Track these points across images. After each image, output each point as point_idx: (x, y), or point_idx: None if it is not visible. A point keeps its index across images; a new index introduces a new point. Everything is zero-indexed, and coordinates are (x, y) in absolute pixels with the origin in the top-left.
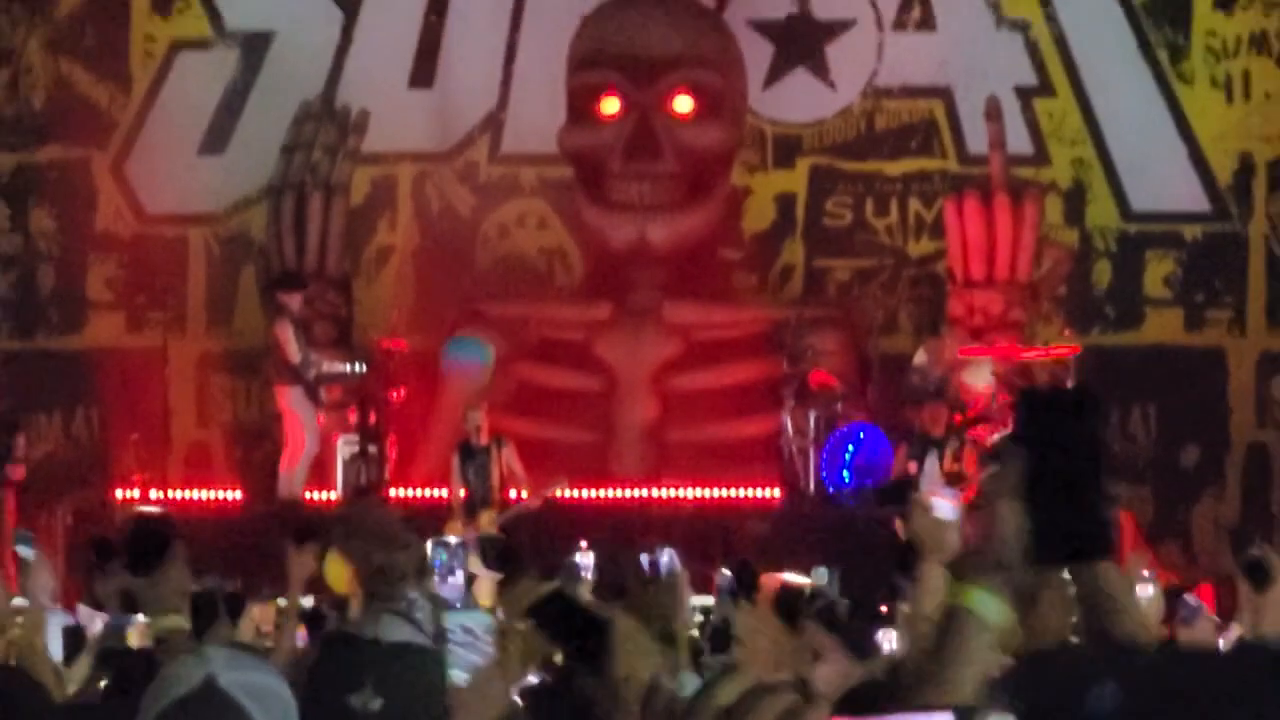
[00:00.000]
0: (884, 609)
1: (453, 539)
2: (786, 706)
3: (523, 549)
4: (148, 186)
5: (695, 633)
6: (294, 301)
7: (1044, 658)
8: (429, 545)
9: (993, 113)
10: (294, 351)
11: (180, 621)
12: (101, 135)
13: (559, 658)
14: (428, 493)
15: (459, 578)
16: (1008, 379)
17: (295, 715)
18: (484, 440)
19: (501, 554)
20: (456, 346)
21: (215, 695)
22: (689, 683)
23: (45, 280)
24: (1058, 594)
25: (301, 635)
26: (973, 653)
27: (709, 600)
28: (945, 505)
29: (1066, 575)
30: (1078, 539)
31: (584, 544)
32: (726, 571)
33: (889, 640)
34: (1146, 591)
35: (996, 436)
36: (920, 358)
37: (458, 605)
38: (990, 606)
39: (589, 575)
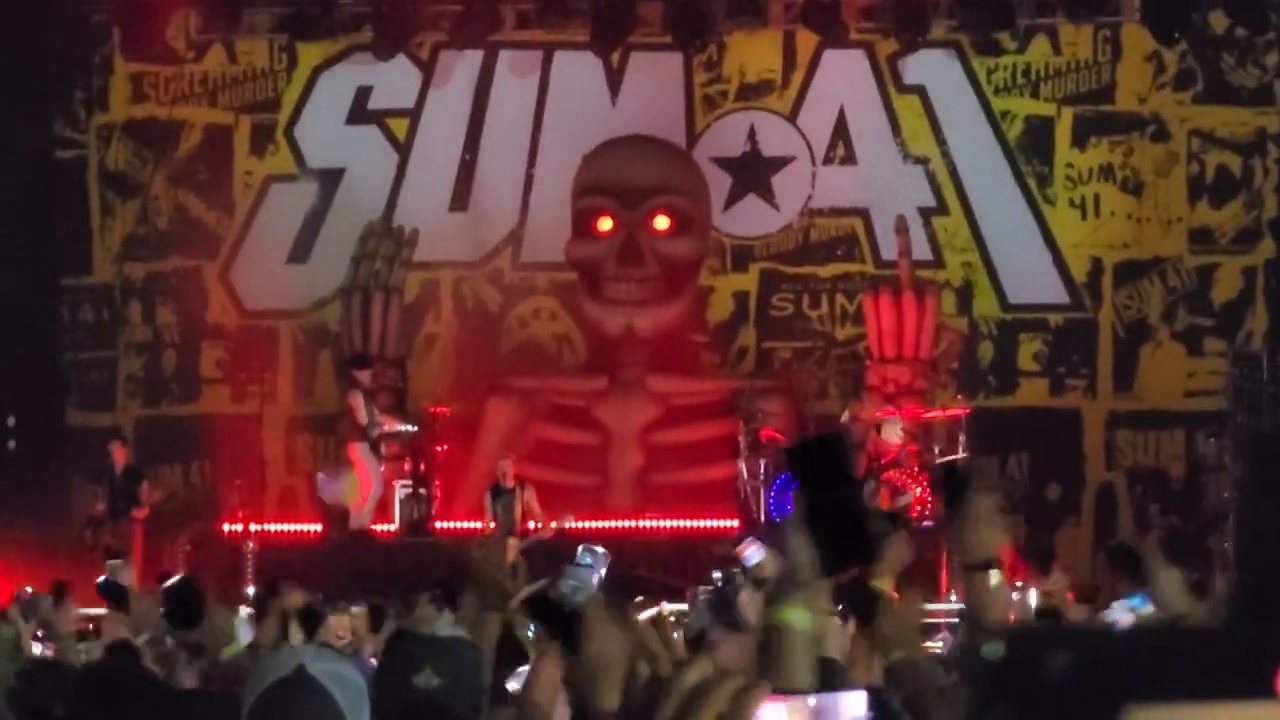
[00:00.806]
0: None
1: (600, 549)
2: (740, 685)
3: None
4: (247, 289)
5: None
6: (364, 377)
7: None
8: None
9: (900, 228)
10: (363, 416)
11: (239, 647)
12: (211, 249)
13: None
14: (465, 524)
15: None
16: (912, 433)
17: (368, 700)
18: (510, 484)
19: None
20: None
21: (305, 679)
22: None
23: (168, 362)
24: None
25: None
26: (795, 654)
27: (683, 606)
28: (751, 551)
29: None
30: (848, 551)
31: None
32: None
33: None
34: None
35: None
36: (845, 417)
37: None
38: (798, 618)
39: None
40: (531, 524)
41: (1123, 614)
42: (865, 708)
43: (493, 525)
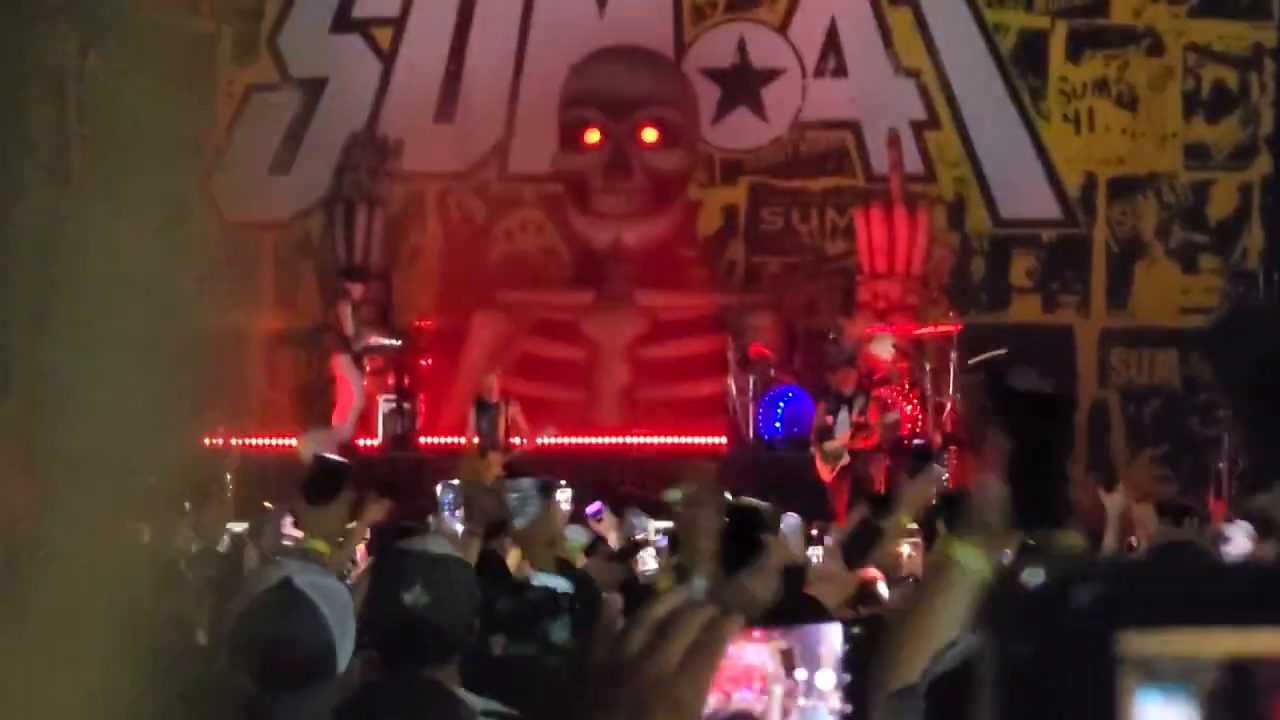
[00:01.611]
0: (814, 531)
1: (457, 481)
2: (709, 618)
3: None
4: (228, 199)
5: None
6: (356, 289)
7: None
8: (438, 487)
9: (892, 142)
10: (349, 327)
11: (323, 548)
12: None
13: None
14: (449, 440)
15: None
16: (904, 350)
17: (352, 610)
18: (495, 398)
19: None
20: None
21: (291, 591)
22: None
23: None
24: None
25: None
26: (956, 595)
27: (668, 524)
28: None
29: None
30: (1047, 511)
31: (563, 482)
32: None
33: (817, 555)
34: None
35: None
36: (835, 333)
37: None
38: (973, 559)
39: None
40: (516, 439)
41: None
42: (841, 640)
43: (476, 440)
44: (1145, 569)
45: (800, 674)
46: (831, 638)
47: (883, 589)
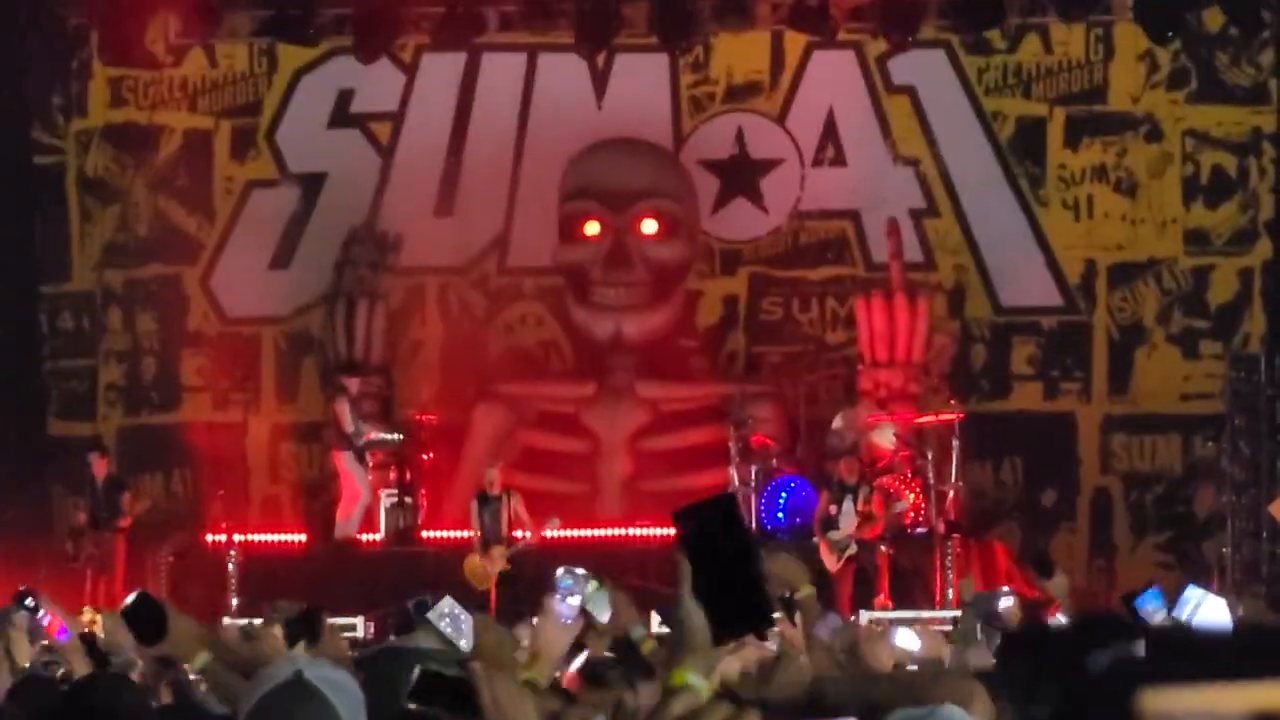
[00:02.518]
0: None
1: (580, 570)
2: (729, 714)
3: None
4: (228, 295)
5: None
6: (353, 384)
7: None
8: (559, 571)
9: (891, 230)
10: (348, 424)
11: (206, 659)
12: (192, 255)
13: None
14: (452, 534)
15: (576, 600)
16: (905, 438)
17: (364, 707)
18: (497, 491)
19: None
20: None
21: (303, 686)
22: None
23: (148, 370)
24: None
25: None
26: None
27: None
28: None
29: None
30: (744, 610)
31: (561, 570)
32: None
33: None
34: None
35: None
36: (838, 423)
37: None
38: (696, 680)
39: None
40: (519, 532)
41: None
42: None
43: (478, 533)
44: (1163, 630)
45: None
46: None
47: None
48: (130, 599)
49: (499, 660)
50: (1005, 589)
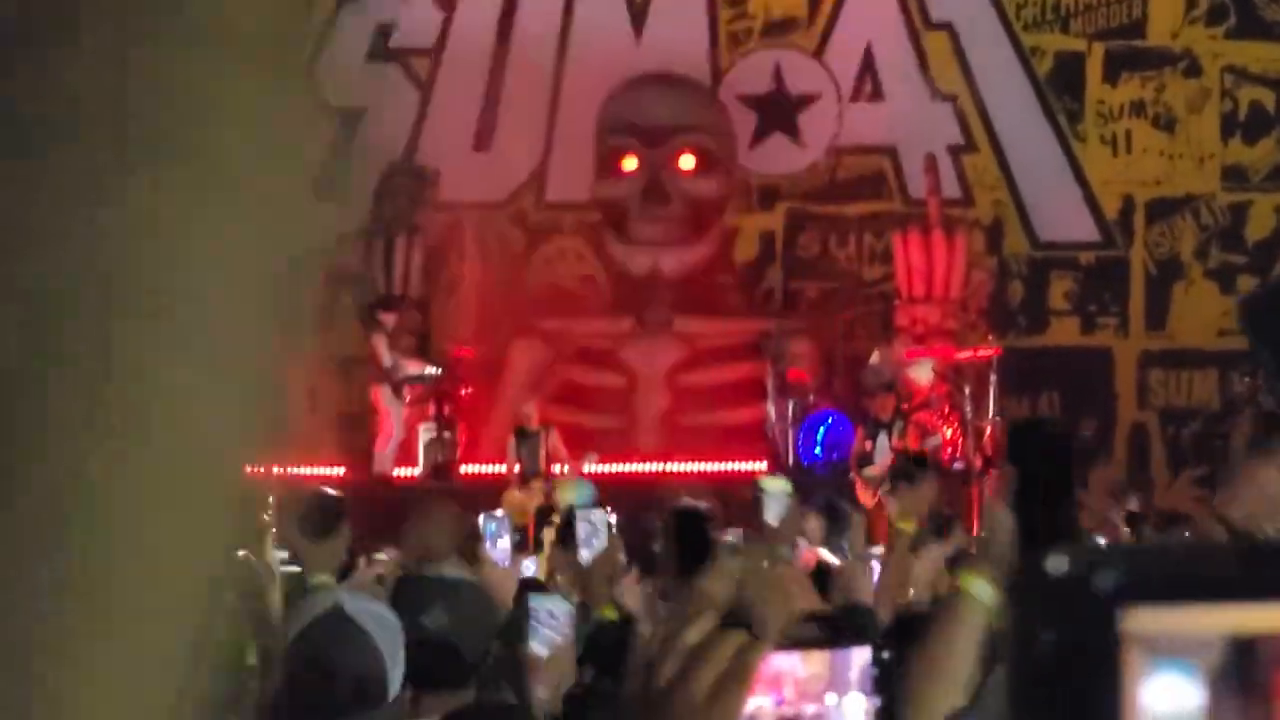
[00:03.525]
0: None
1: (499, 512)
2: (743, 642)
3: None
4: None
5: None
6: (389, 319)
7: None
8: (480, 518)
9: (929, 166)
10: (385, 358)
11: (329, 581)
12: None
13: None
14: (490, 469)
15: (506, 543)
16: (943, 374)
17: (401, 637)
18: (535, 426)
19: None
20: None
21: (343, 618)
22: None
23: None
24: None
25: None
26: (972, 627)
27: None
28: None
29: None
30: (1054, 536)
31: (609, 508)
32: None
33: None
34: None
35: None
36: (875, 358)
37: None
38: (985, 590)
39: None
40: (556, 467)
41: None
42: (870, 664)
43: (517, 468)
44: (1151, 550)
45: (830, 698)
46: (861, 661)
47: (830, 558)
48: (324, 490)
49: (597, 590)
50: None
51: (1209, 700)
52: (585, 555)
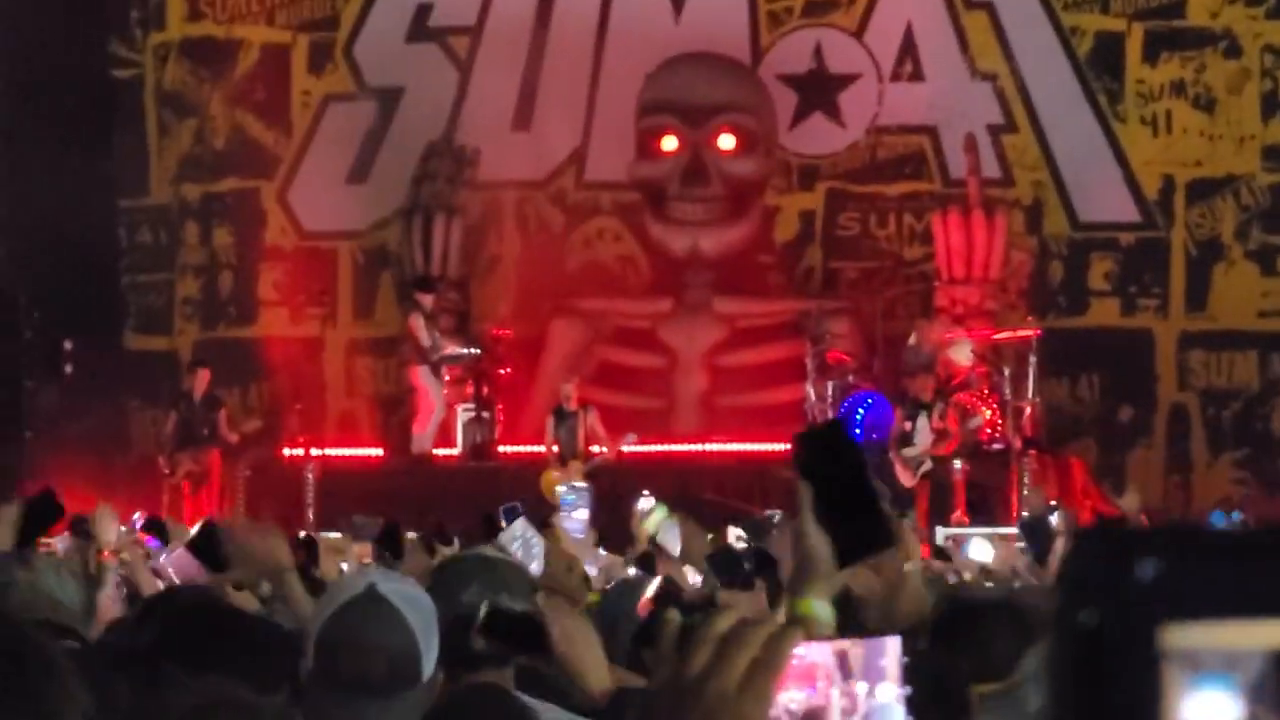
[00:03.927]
0: None
1: (580, 484)
2: (774, 630)
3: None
4: (305, 209)
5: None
6: (427, 300)
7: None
8: (561, 488)
9: (969, 146)
10: (425, 338)
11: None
12: (269, 169)
13: None
14: (529, 449)
15: (584, 514)
16: (982, 355)
17: (435, 618)
18: (573, 406)
19: None
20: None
21: (376, 599)
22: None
23: (225, 284)
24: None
25: None
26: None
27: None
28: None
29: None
30: (867, 537)
31: (646, 492)
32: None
33: None
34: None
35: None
36: (914, 339)
37: (581, 536)
38: (820, 609)
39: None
40: (595, 447)
41: None
42: (901, 652)
43: (555, 448)
44: (1193, 549)
45: (861, 686)
46: (893, 650)
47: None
48: (196, 529)
49: (566, 586)
50: (1053, 503)
51: (1248, 713)
52: (537, 568)
